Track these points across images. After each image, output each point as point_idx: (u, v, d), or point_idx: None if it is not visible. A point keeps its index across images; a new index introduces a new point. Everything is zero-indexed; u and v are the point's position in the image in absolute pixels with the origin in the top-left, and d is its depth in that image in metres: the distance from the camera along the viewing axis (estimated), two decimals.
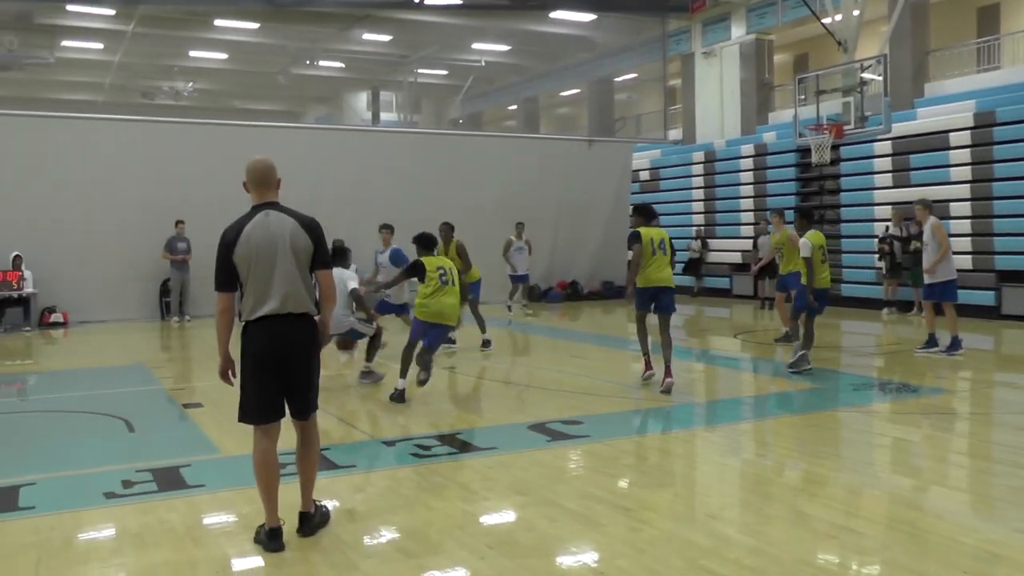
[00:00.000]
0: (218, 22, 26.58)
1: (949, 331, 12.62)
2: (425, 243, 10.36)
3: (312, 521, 5.49)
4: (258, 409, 5.28)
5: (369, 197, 21.67)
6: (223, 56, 31.50)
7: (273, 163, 5.46)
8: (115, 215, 19.37)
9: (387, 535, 5.53)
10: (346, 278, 10.33)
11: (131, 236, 19.52)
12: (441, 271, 9.97)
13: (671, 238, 10.82)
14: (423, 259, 10.08)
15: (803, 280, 11.61)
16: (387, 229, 13.66)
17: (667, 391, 10.00)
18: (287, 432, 5.48)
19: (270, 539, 5.23)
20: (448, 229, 13.63)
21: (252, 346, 5.23)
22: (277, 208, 5.31)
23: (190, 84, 35.72)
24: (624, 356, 13.45)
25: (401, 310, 12.64)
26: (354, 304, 10.43)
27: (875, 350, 14.52)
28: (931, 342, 12.83)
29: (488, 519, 5.86)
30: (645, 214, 10.92)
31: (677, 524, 5.60)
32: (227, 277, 5.22)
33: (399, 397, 9.74)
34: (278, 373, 5.25)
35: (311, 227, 5.31)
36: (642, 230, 10.50)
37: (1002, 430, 8.58)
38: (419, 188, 22.46)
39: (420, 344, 9.95)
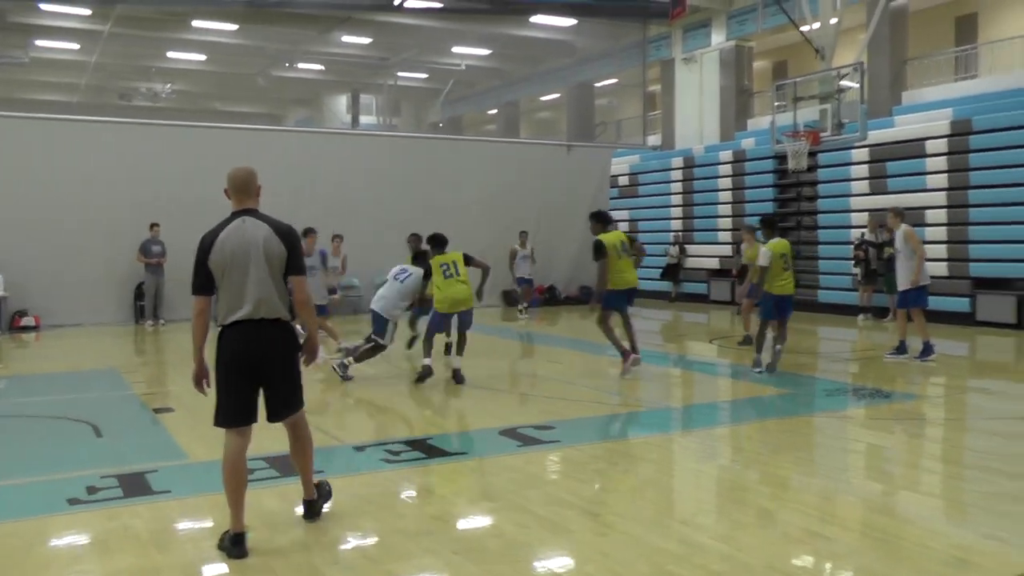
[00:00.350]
0: (196, 23, 26.41)
1: (920, 337, 12.66)
2: (437, 242, 11.35)
3: (316, 506, 5.79)
4: (230, 413, 5.31)
5: (349, 200, 21.63)
6: (201, 57, 31.34)
7: (254, 171, 5.53)
8: (90, 217, 19.14)
9: (353, 541, 5.48)
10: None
11: (105, 239, 19.33)
12: (444, 266, 11.02)
13: (643, 241, 11.11)
14: (430, 261, 11.25)
15: (760, 286, 11.81)
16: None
17: (635, 365, 11.33)
18: (259, 437, 5.42)
19: (234, 545, 5.19)
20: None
21: (226, 351, 5.28)
22: (254, 215, 5.38)
23: (168, 85, 35.53)
24: (600, 361, 13.41)
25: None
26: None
27: (850, 356, 14.54)
28: (901, 348, 12.86)
29: (456, 525, 5.81)
30: (602, 220, 11.86)
31: (646, 530, 5.55)
32: (203, 281, 5.30)
33: (428, 372, 10.98)
34: (251, 378, 5.31)
35: (285, 234, 5.36)
36: (603, 237, 11.40)
37: (973, 435, 8.60)
38: (399, 191, 22.45)
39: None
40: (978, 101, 18.85)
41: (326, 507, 5.88)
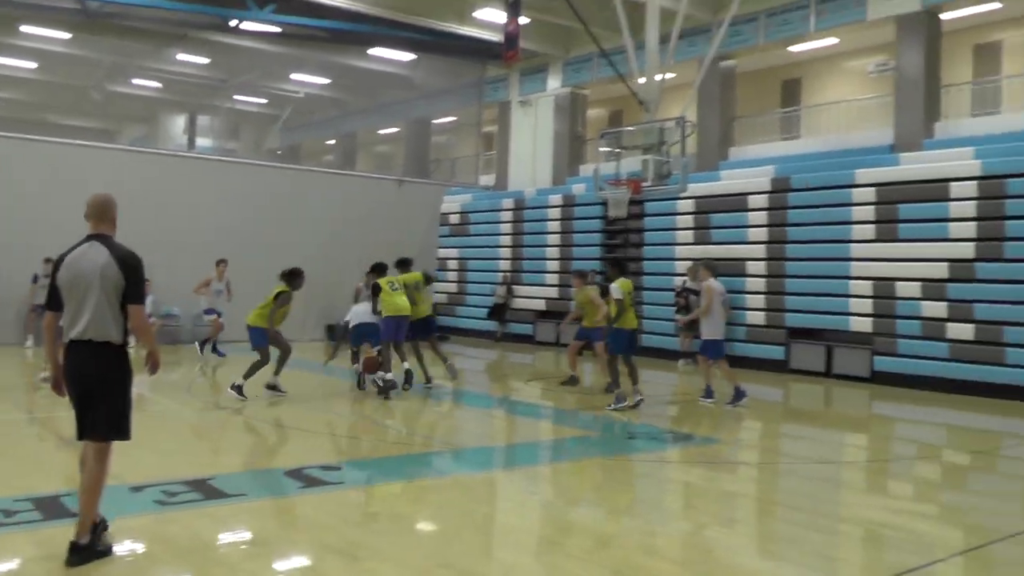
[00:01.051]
0: (25, 28, 25.09)
1: (729, 383, 13.18)
2: (379, 269, 14.26)
3: (79, 553, 5.45)
4: (80, 427, 5.71)
5: (179, 224, 21.06)
6: (32, 65, 29.82)
7: (112, 199, 5.90)
8: None
9: None
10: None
11: None
12: (391, 283, 13.50)
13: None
14: (378, 280, 13.66)
15: (613, 323, 12.61)
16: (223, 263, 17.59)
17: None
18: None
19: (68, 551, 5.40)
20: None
21: (65, 367, 5.65)
22: (102, 240, 5.66)
23: None
24: (412, 402, 13.31)
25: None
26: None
27: (665, 400, 14.80)
28: (708, 393, 13.36)
29: (209, 571, 5.55)
30: (397, 265, 14.39)
31: (403, 573, 5.45)
32: (51, 297, 5.68)
33: (393, 386, 12.88)
34: (80, 394, 5.62)
35: (124, 261, 5.60)
36: (382, 281, 13.61)
37: (781, 477, 8.94)
38: (232, 217, 22.04)
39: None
40: (798, 160, 19.81)
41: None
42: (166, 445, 9.34)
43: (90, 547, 5.50)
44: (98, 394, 5.58)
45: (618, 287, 12.60)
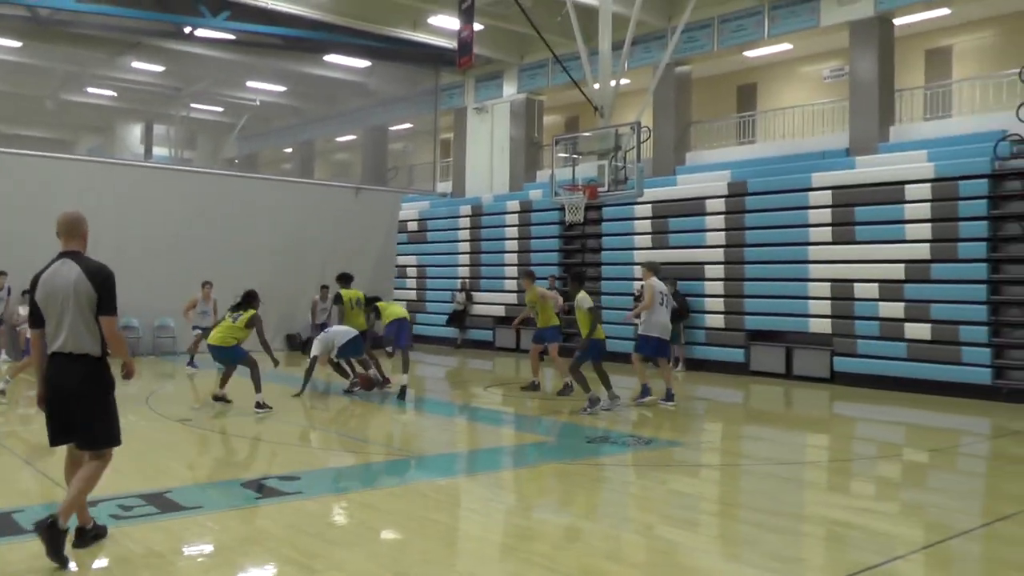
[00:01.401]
0: None
1: (639, 380, 13.91)
2: (346, 279, 15.59)
3: (62, 536, 5.60)
4: (51, 433, 5.95)
5: (137, 234, 20.87)
6: None
7: (82, 216, 6.09)
8: None
9: None
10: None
11: None
12: (353, 300, 15.06)
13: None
14: (341, 291, 15.09)
15: (585, 334, 13.02)
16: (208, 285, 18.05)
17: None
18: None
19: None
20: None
21: (47, 379, 5.88)
22: (73, 257, 5.90)
23: None
24: (370, 409, 13.19)
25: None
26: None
27: (625, 404, 14.76)
28: (644, 392, 13.78)
29: None
30: (339, 279, 15.68)
31: None
32: (33, 315, 5.96)
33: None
34: (60, 406, 5.84)
35: (95, 275, 5.82)
36: (343, 292, 15.09)
37: (742, 478, 8.93)
38: (191, 228, 21.95)
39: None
40: (753, 165, 19.92)
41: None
42: (120, 458, 9.15)
43: (66, 532, 5.64)
44: (82, 407, 5.83)
45: (586, 297, 13.16)
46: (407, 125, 32.98)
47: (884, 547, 6.37)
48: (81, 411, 5.84)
